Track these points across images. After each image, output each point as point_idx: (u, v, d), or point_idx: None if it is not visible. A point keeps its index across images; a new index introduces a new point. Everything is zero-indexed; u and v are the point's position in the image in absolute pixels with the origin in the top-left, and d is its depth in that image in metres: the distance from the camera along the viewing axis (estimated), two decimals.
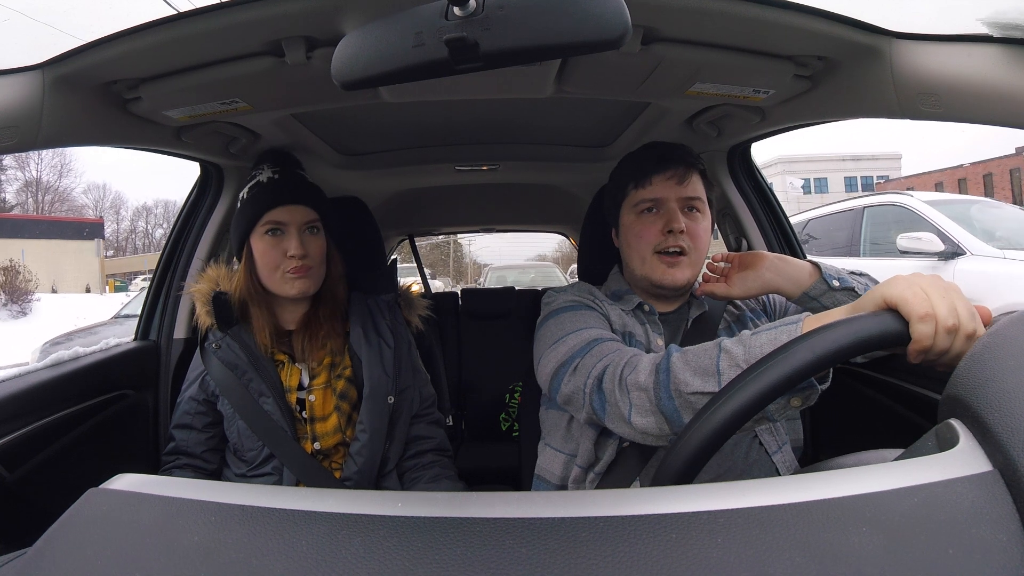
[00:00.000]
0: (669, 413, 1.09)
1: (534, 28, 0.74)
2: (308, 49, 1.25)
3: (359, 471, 1.62)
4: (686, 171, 1.48)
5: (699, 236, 1.48)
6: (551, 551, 0.49)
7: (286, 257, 1.59)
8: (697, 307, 1.56)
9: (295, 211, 1.61)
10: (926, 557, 0.45)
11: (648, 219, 1.49)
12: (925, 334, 0.79)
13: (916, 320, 0.79)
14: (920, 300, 0.80)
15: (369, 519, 0.55)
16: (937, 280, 0.86)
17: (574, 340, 1.34)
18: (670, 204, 1.47)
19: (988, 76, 1.09)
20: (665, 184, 1.48)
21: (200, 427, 1.69)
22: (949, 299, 0.82)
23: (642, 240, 1.49)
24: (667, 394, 1.09)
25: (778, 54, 1.36)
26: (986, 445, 0.53)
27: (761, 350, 0.99)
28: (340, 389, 1.66)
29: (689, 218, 1.48)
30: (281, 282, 1.61)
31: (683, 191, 1.48)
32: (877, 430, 1.71)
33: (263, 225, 1.60)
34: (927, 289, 0.82)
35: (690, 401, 1.06)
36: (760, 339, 1.01)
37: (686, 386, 1.06)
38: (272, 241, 1.60)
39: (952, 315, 0.80)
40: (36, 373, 1.59)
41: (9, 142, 1.20)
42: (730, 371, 1.02)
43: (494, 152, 2.54)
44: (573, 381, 1.29)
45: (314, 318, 1.70)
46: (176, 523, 0.56)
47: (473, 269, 48.15)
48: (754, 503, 0.52)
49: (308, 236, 1.63)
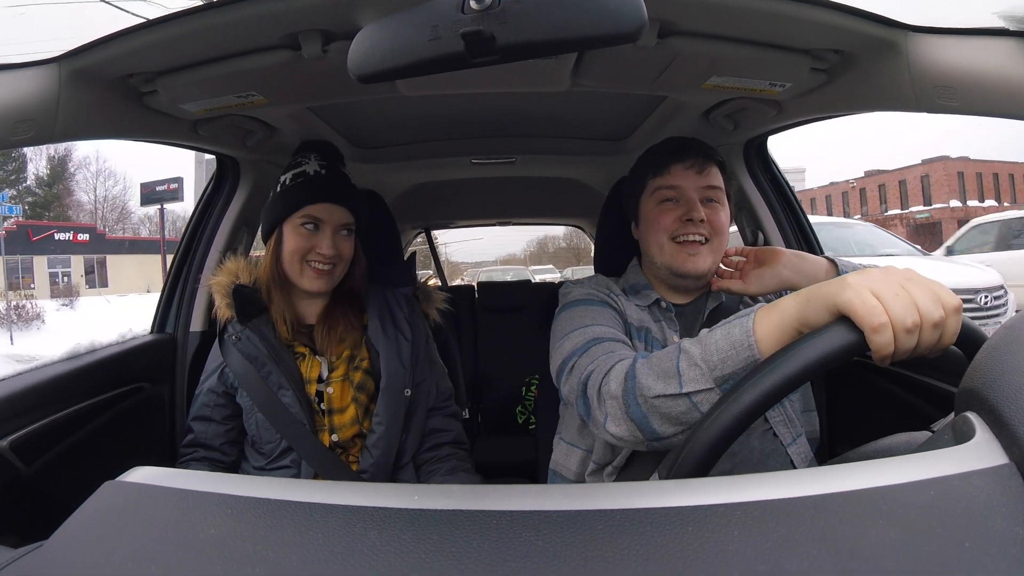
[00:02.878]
0: (638, 420, 1.08)
1: (551, 22, 0.74)
2: (324, 42, 1.25)
3: (375, 463, 1.62)
4: (705, 161, 1.48)
5: (719, 225, 1.47)
6: (568, 544, 0.49)
7: (315, 252, 1.59)
8: (714, 299, 1.55)
9: (334, 211, 1.61)
10: (942, 550, 0.45)
11: (667, 207, 1.49)
12: (882, 344, 0.75)
13: (870, 332, 0.75)
14: (870, 309, 0.76)
15: (385, 512, 0.55)
16: (889, 274, 0.82)
17: (577, 338, 1.34)
18: (689, 193, 1.46)
19: (1004, 69, 1.08)
20: (684, 173, 1.47)
21: (219, 419, 1.69)
22: (904, 295, 0.78)
23: (660, 228, 1.48)
24: (635, 401, 1.08)
25: (794, 47, 1.35)
26: (1002, 438, 0.53)
27: (716, 346, 0.98)
28: (358, 381, 1.66)
29: (708, 208, 1.46)
30: (301, 275, 1.61)
31: (702, 180, 1.47)
32: (893, 422, 1.70)
33: (300, 217, 1.60)
34: (878, 291, 0.78)
35: (655, 406, 1.05)
36: (714, 335, 1.01)
37: (649, 390, 1.05)
38: (306, 235, 1.60)
39: (910, 312, 0.76)
40: (53, 366, 1.60)
41: (26, 135, 1.21)
42: (690, 371, 1.01)
43: (510, 145, 2.53)
44: (569, 382, 1.29)
45: (333, 312, 1.70)
46: (192, 516, 0.56)
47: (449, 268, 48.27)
48: (770, 496, 0.52)
49: (341, 238, 1.63)
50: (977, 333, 0.86)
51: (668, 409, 1.04)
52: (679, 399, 1.02)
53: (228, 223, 2.13)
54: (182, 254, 2.15)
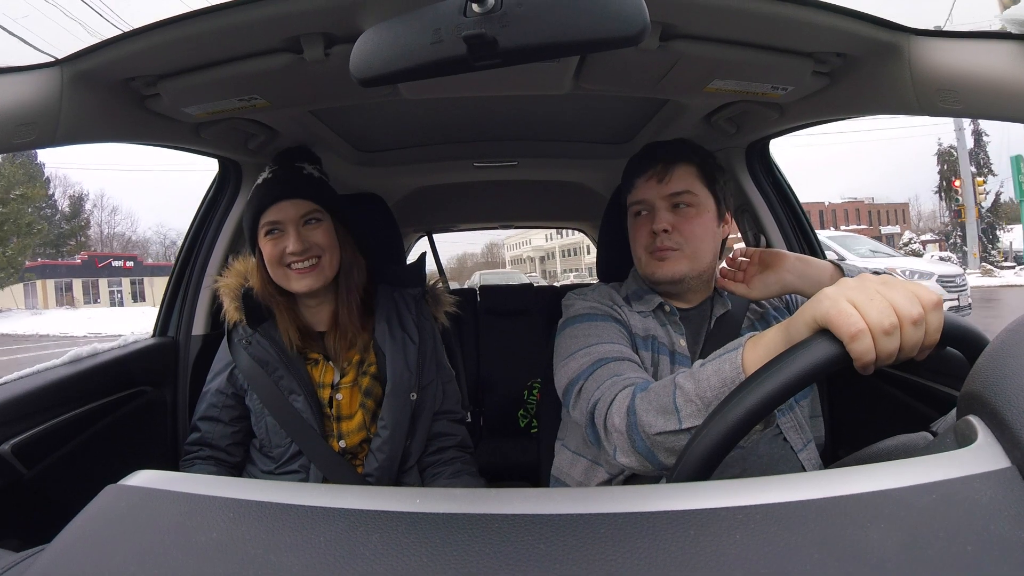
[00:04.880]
0: (644, 453, 1.10)
1: (553, 25, 0.74)
2: (326, 45, 1.25)
3: (380, 467, 1.62)
4: (667, 167, 1.48)
5: (689, 231, 1.46)
6: (570, 547, 0.49)
7: (287, 254, 1.57)
8: (721, 305, 1.54)
9: (288, 207, 1.59)
10: (944, 553, 0.44)
11: (640, 221, 1.52)
12: (862, 351, 0.75)
13: (848, 341, 0.75)
14: (846, 317, 0.76)
15: (387, 515, 0.55)
16: (863, 281, 0.82)
17: (583, 358, 1.34)
18: (654, 203, 1.48)
19: (1007, 73, 1.08)
20: (646, 185, 1.50)
21: (227, 420, 1.69)
22: (879, 298, 0.78)
23: (637, 242, 1.52)
24: (638, 436, 1.10)
25: (797, 51, 1.35)
26: (1004, 441, 0.52)
27: (708, 383, 0.99)
28: (366, 386, 1.66)
29: (677, 214, 1.47)
30: (288, 280, 1.59)
31: (665, 189, 1.47)
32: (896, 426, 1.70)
33: (263, 227, 1.59)
34: (854, 298, 0.78)
35: (658, 441, 1.07)
36: (706, 371, 1.01)
37: (650, 427, 1.07)
38: (273, 241, 1.58)
39: (886, 314, 0.77)
40: (55, 370, 1.60)
41: (27, 139, 1.21)
42: (686, 407, 1.02)
43: (513, 148, 2.52)
44: (579, 405, 1.30)
45: (342, 318, 1.68)
46: (195, 519, 0.56)
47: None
48: (773, 499, 0.51)
49: (308, 229, 1.60)
50: (979, 336, 0.86)
51: (671, 444, 1.05)
52: (680, 434, 1.03)
53: (230, 227, 2.12)
54: (184, 258, 2.15)
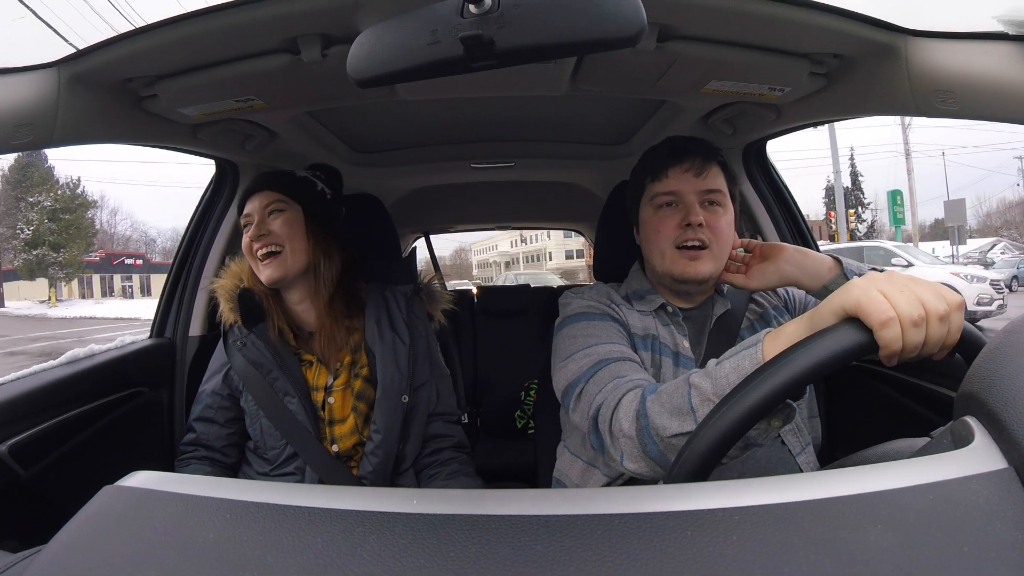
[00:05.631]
0: (657, 458, 1.07)
1: (550, 26, 0.74)
2: (324, 47, 1.25)
3: (374, 471, 1.61)
4: (704, 163, 1.43)
5: (719, 230, 1.42)
6: (567, 548, 0.49)
7: (252, 243, 1.60)
8: (721, 304, 1.51)
9: (256, 200, 1.62)
10: (941, 554, 0.44)
11: (666, 213, 1.44)
12: (891, 339, 0.76)
13: (878, 327, 0.76)
14: (877, 304, 0.77)
15: (384, 516, 0.55)
16: (892, 276, 0.84)
17: (582, 360, 1.32)
18: (688, 197, 1.42)
19: (1004, 73, 1.08)
20: (682, 177, 1.43)
21: (222, 422, 1.68)
22: (909, 291, 0.80)
23: (661, 235, 1.44)
24: (651, 440, 1.07)
25: (794, 52, 1.35)
26: (1001, 442, 0.52)
27: (727, 380, 0.97)
28: (358, 389, 1.65)
29: (708, 211, 1.42)
30: (259, 270, 1.61)
31: (701, 183, 1.42)
32: (892, 427, 1.70)
33: (243, 222, 1.63)
34: (884, 289, 0.79)
35: (674, 445, 1.04)
36: (724, 368, 0.99)
37: (665, 430, 1.04)
38: (246, 233, 1.61)
39: (915, 306, 0.78)
40: (52, 371, 1.60)
41: (24, 140, 1.21)
42: (703, 407, 1.00)
43: (510, 149, 2.52)
44: (579, 408, 1.27)
45: (330, 319, 1.67)
46: (191, 520, 0.56)
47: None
48: (769, 500, 0.51)
49: (271, 219, 1.61)
50: (977, 337, 0.86)
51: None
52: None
53: (227, 228, 2.12)
54: (180, 259, 2.14)
